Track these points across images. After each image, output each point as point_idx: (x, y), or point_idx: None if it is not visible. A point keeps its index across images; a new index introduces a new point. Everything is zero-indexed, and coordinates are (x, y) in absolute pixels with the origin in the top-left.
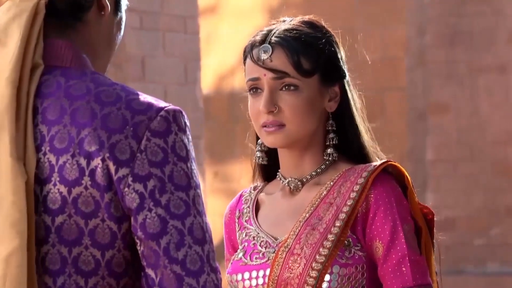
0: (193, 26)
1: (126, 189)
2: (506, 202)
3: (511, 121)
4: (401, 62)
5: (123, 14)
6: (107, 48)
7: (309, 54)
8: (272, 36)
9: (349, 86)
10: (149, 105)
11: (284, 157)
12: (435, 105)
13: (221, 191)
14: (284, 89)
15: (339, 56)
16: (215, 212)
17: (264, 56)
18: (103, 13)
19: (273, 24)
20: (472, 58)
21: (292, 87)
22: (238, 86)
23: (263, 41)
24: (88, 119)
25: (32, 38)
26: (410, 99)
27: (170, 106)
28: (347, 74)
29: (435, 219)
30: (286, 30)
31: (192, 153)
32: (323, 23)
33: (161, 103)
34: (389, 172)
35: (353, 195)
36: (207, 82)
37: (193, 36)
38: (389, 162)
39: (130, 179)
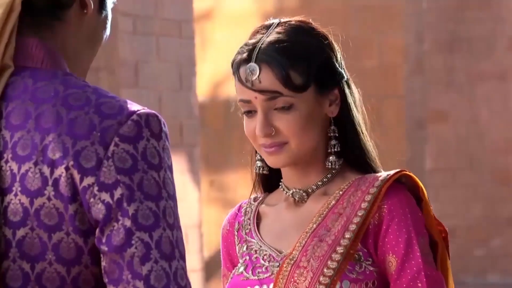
0: (188, 31)
1: (92, 199)
2: (507, 212)
3: (511, 129)
4: (399, 69)
5: (108, 12)
6: (89, 48)
7: (299, 66)
8: (257, 53)
9: (349, 87)
10: (120, 109)
11: (287, 170)
12: (433, 113)
13: (217, 201)
14: (278, 109)
15: (334, 58)
16: (211, 222)
17: (252, 77)
18: (85, 11)
19: (259, 32)
20: (471, 65)
21: (286, 107)
22: (234, 93)
23: (249, 58)
24: (52, 124)
25: (4, 37)
26: (408, 107)
27: (143, 109)
28: (345, 74)
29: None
30: (272, 42)
31: (167, 162)
32: (314, 24)
33: (134, 107)
34: (402, 183)
35: (364, 205)
36: (202, 89)
37: (188, 41)
38: (403, 172)
39: (96, 188)
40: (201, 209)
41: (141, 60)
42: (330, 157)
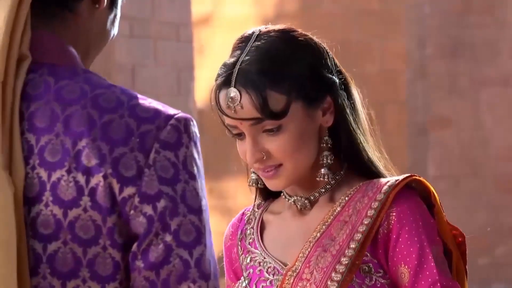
0: (186, 34)
1: (132, 211)
2: (511, 220)
3: None
4: (401, 74)
5: (118, 11)
6: (97, 46)
7: (280, 86)
8: (236, 75)
9: (346, 89)
10: (156, 112)
11: None
12: (436, 119)
13: (217, 208)
14: (267, 131)
15: (321, 64)
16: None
17: (233, 104)
18: (97, 6)
19: (238, 47)
20: (474, 70)
21: (274, 129)
22: None
23: (228, 82)
24: (85, 127)
25: (19, 24)
26: (410, 113)
27: (180, 113)
28: (337, 77)
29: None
30: (250, 61)
31: (202, 169)
32: (296, 32)
33: (170, 110)
34: (412, 188)
35: (370, 212)
36: (201, 95)
37: (186, 45)
38: (413, 177)
39: (137, 199)
40: None
41: (138, 64)
42: (322, 170)
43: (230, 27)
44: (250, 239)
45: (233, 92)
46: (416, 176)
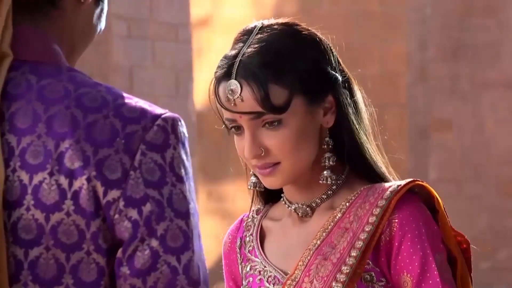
0: (184, 35)
1: (117, 216)
2: None
3: None
4: (402, 77)
5: (105, 5)
6: (83, 42)
7: (283, 78)
8: (237, 68)
9: (349, 88)
10: (143, 112)
11: (287, 185)
12: (437, 122)
13: (216, 212)
14: (267, 125)
15: (325, 61)
16: (209, 234)
17: (234, 96)
18: (82, 1)
19: (240, 40)
20: (476, 73)
21: (273, 124)
22: None
23: (229, 74)
24: (68, 128)
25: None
26: (411, 116)
27: (167, 113)
28: (340, 75)
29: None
30: (252, 54)
31: (190, 170)
32: (299, 26)
33: (157, 109)
34: (415, 193)
35: (372, 219)
36: (199, 97)
37: (185, 46)
38: (416, 182)
39: (121, 203)
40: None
41: (135, 65)
42: (324, 172)
43: (229, 29)
44: (249, 246)
45: (234, 84)
46: (419, 181)
